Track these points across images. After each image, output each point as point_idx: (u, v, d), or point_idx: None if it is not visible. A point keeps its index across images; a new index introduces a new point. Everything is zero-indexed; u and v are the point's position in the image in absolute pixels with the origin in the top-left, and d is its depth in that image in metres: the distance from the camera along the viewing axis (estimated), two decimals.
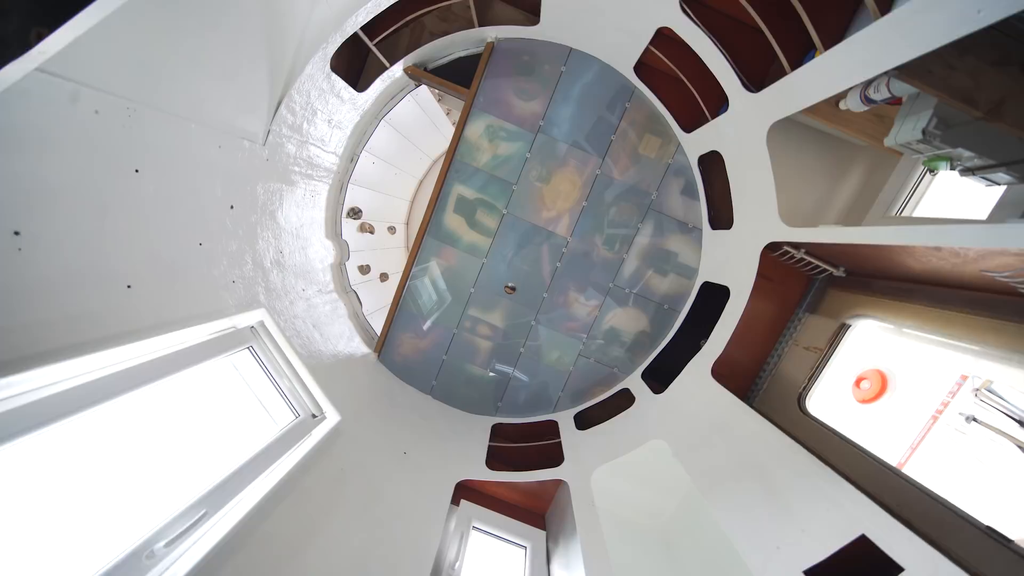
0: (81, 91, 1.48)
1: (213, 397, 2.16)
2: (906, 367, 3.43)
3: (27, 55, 1.16)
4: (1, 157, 1.32)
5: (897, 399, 3.48)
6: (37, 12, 1.10)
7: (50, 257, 1.48)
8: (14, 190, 1.37)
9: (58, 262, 1.51)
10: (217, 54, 1.98)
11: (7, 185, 1.35)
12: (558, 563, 2.50)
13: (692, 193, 3.25)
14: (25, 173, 1.39)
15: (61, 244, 1.52)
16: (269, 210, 2.59)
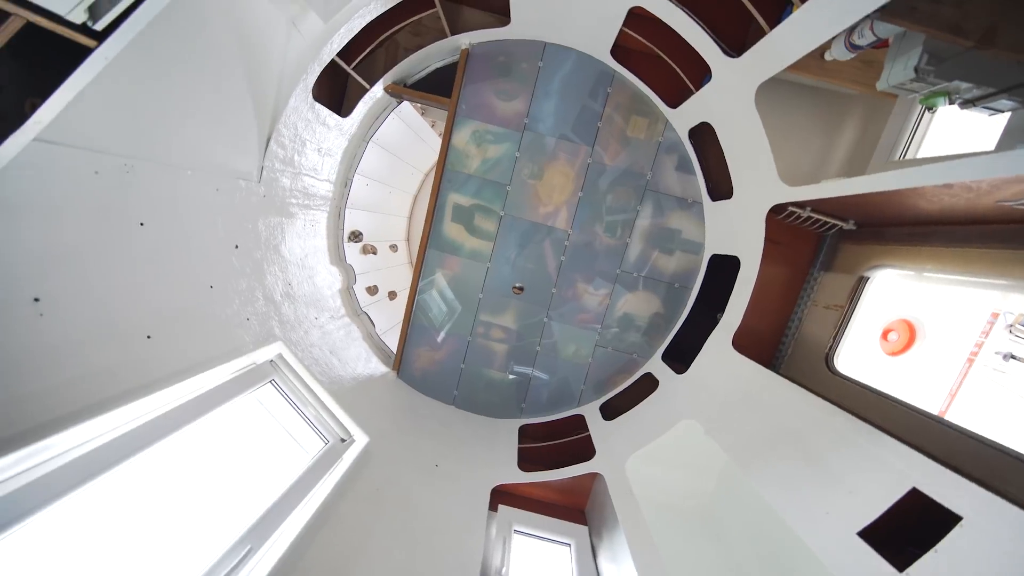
0: (79, 155, 1.53)
1: (243, 434, 2.20)
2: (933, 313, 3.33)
3: (24, 126, 1.20)
4: (12, 227, 1.37)
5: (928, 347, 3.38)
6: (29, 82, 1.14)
7: (71, 318, 1.52)
8: (28, 258, 1.41)
9: (79, 322, 1.55)
10: (203, 101, 2.02)
11: (21, 254, 1.40)
12: (604, 556, 2.47)
13: (687, 168, 3.22)
14: (37, 240, 1.43)
15: (80, 304, 1.56)
16: (273, 244, 2.64)
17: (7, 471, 1.29)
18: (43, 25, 1.00)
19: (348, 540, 2.05)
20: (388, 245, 4.89)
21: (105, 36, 1.11)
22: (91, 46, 1.10)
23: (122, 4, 1.07)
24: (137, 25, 1.12)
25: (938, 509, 1.34)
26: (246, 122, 2.32)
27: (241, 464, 2.15)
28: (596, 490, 2.90)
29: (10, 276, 1.37)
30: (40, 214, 1.45)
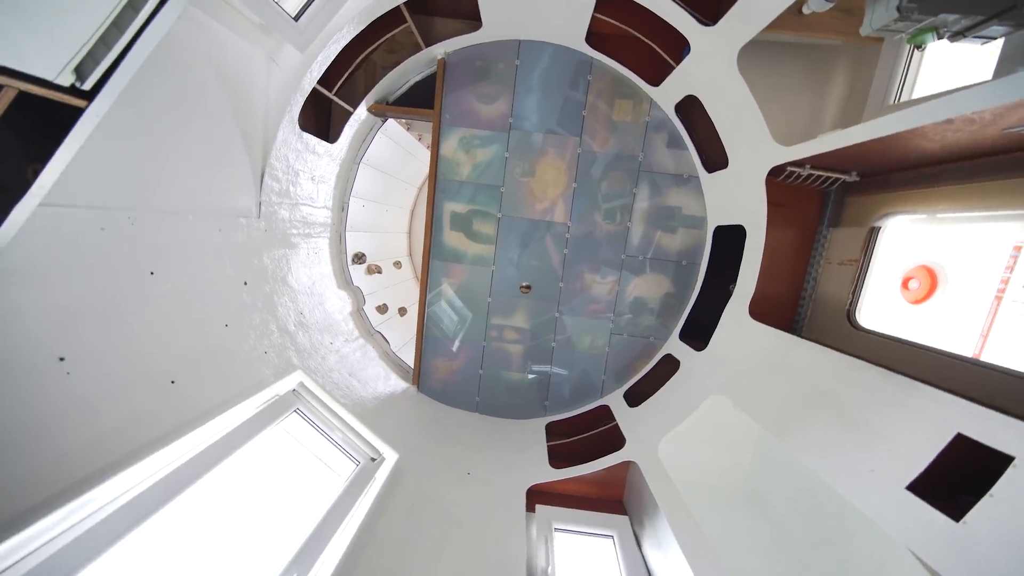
0: (84, 213, 1.57)
1: (276, 465, 2.22)
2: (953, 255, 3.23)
3: (29, 193, 1.23)
4: (30, 292, 1.41)
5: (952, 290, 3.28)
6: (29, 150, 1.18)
7: (97, 373, 1.56)
8: (49, 319, 1.45)
9: (105, 376, 1.58)
10: (195, 145, 2.07)
11: (42, 316, 1.44)
12: (649, 544, 2.44)
13: (679, 144, 3.19)
14: (55, 301, 1.47)
15: (103, 358, 1.60)
16: (280, 276, 2.67)
17: (52, 530, 1.32)
18: (35, 92, 1.03)
19: (392, 557, 2.06)
20: (392, 262, 4.93)
21: (94, 95, 1.13)
22: (82, 106, 1.13)
23: (106, 62, 1.10)
24: (122, 80, 1.15)
25: (987, 452, 1.30)
26: (239, 161, 2.36)
27: (277, 495, 2.17)
28: (631, 478, 2.87)
29: (34, 339, 1.41)
30: (55, 276, 1.49)
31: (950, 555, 1.23)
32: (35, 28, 0.94)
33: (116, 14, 1.03)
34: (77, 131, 1.15)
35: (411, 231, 5.48)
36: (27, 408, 1.34)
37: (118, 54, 1.10)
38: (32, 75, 1.01)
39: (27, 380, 1.36)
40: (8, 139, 1.20)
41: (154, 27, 1.10)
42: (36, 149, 1.17)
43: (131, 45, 1.10)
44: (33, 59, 0.98)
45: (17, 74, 0.98)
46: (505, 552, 2.22)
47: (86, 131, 1.18)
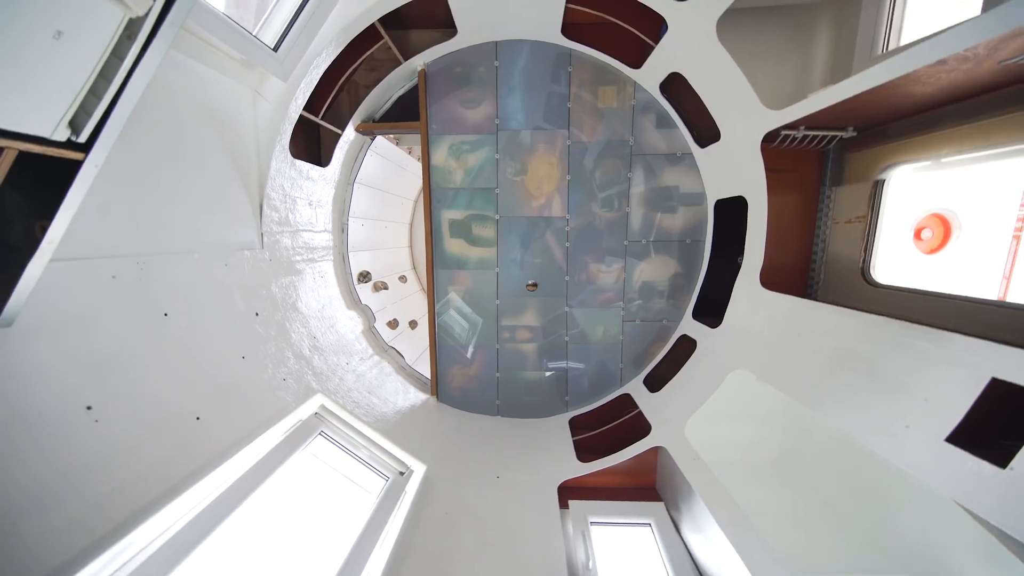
0: (94, 264, 1.61)
1: (307, 490, 2.24)
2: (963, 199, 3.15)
3: (40, 250, 1.27)
4: (52, 346, 1.44)
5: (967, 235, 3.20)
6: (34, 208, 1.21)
7: (124, 418, 1.59)
8: (73, 370, 1.49)
9: (132, 419, 1.61)
10: (193, 184, 2.11)
11: (66, 368, 1.47)
12: (688, 527, 2.40)
13: (668, 123, 3.16)
14: (76, 352, 1.51)
15: (128, 403, 1.63)
16: (290, 303, 2.70)
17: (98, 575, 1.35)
18: (34, 151, 1.06)
19: (432, 569, 2.06)
20: (397, 277, 4.96)
21: (90, 147, 1.16)
22: (80, 159, 1.16)
23: (98, 113, 1.13)
24: (116, 129, 1.18)
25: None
26: (236, 195, 2.40)
27: (312, 518, 2.19)
28: (662, 464, 2.84)
29: (61, 391, 1.44)
30: (74, 327, 1.53)
31: (1000, 503, 1.19)
32: (26, 88, 0.97)
33: (102, 65, 1.06)
34: (78, 184, 1.18)
35: (412, 244, 5.51)
36: (60, 459, 1.37)
37: (108, 103, 1.12)
38: (29, 134, 1.04)
39: (58, 432, 1.40)
40: (14, 200, 1.24)
41: (139, 73, 1.12)
42: (41, 206, 1.20)
43: (120, 93, 1.12)
44: (28, 118, 1.01)
45: (14, 135, 1.01)
46: (544, 551, 2.21)
47: (86, 183, 1.20)
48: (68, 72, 1.01)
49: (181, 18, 1.13)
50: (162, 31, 1.10)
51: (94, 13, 0.97)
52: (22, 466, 1.28)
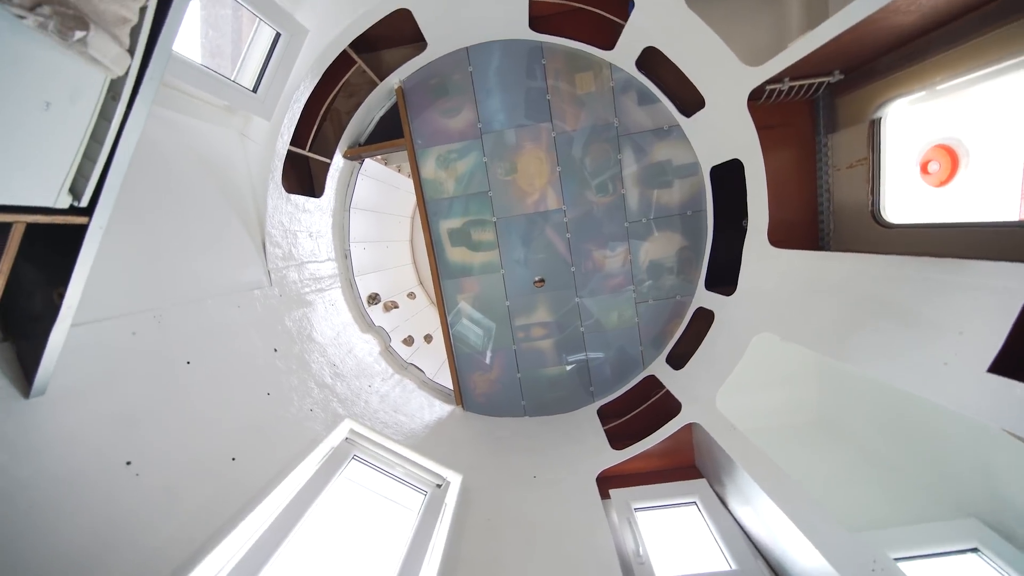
0: (113, 323, 1.65)
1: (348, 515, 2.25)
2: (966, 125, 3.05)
3: (60, 317, 1.31)
4: (85, 408, 1.48)
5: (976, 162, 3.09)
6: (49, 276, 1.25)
7: (163, 468, 1.62)
8: (108, 429, 1.52)
9: (171, 469, 1.64)
10: (195, 233, 2.16)
11: (101, 428, 1.51)
12: (735, 500, 2.35)
13: (650, 98, 3.14)
14: (108, 410, 1.55)
15: (165, 453, 1.66)
16: (305, 335, 2.74)
17: None
18: (41, 222, 1.10)
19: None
20: (405, 295, 4.99)
21: (92, 210, 1.20)
22: (84, 222, 1.19)
23: (95, 176, 1.16)
24: (114, 189, 1.21)
25: None
26: (239, 237, 2.45)
27: (357, 543, 2.20)
28: (698, 440, 2.79)
29: (99, 450, 1.48)
30: (103, 386, 1.57)
31: None
32: (24, 161, 1.00)
33: (92, 128, 1.09)
34: (86, 247, 1.22)
35: (415, 260, 5.55)
36: (108, 516, 1.41)
37: (104, 165, 1.16)
38: (34, 206, 1.07)
39: (102, 490, 1.43)
40: (29, 271, 1.28)
41: (128, 131, 1.16)
42: (55, 273, 1.24)
43: (113, 154, 1.16)
44: (30, 191, 1.04)
45: (19, 208, 1.04)
46: (592, 545, 2.18)
47: (94, 245, 1.24)
48: (62, 140, 1.05)
49: (159, 73, 1.16)
50: (143, 88, 1.14)
51: (78, 79, 1.00)
52: (73, 527, 1.32)
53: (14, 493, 1.23)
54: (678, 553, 2.20)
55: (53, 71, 0.95)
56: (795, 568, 1.86)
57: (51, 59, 0.93)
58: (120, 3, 0.98)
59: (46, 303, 1.28)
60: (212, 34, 2.61)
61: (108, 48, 0.98)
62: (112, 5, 0.97)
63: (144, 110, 1.17)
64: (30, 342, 1.35)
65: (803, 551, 1.78)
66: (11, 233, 1.06)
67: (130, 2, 1.00)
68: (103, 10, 0.95)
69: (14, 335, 1.40)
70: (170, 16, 1.12)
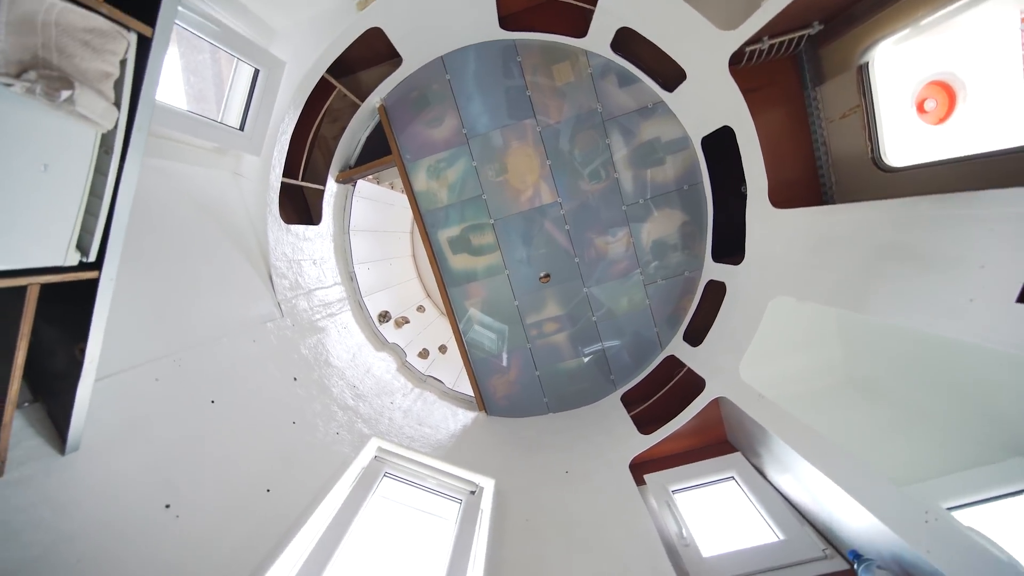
0: (136, 372, 1.69)
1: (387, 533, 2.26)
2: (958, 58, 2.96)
3: (84, 373, 1.34)
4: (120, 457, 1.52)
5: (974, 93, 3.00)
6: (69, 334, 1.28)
7: (201, 507, 1.65)
8: (144, 475, 1.55)
9: (209, 507, 1.67)
10: (203, 275, 2.20)
11: (137, 475, 1.54)
12: (773, 469, 2.31)
13: (630, 79, 3.12)
14: (144, 457, 1.58)
15: (201, 492, 1.69)
16: (322, 360, 2.77)
17: None
18: (53, 281, 1.13)
19: None
20: (415, 309, 5.02)
21: (100, 263, 1.23)
22: (95, 277, 1.23)
23: (99, 230, 1.20)
24: (118, 241, 1.24)
25: None
26: (245, 273, 2.49)
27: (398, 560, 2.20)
28: (727, 414, 2.74)
29: (139, 496, 1.51)
30: (134, 435, 1.60)
31: None
32: (30, 225, 1.03)
33: (90, 184, 1.12)
34: (100, 299, 1.25)
35: (420, 274, 5.58)
36: (153, 560, 1.43)
37: (106, 218, 1.19)
38: (45, 267, 1.10)
39: (145, 535, 1.46)
40: (49, 332, 1.32)
41: (125, 182, 1.19)
42: (74, 329, 1.28)
43: (113, 206, 1.19)
44: (39, 253, 1.07)
45: (32, 271, 1.07)
46: (634, 532, 2.15)
47: (107, 297, 1.27)
48: (63, 199, 1.08)
49: (147, 122, 1.19)
50: (133, 138, 1.16)
51: (71, 137, 1.03)
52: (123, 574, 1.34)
53: (62, 547, 1.26)
54: (722, 530, 2.16)
55: (46, 133, 0.98)
56: (845, 530, 1.81)
57: (43, 122, 0.96)
58: (101, 59, 1.01)
59: (69, 360, 1.32)
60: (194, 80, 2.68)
61: (95, 104, 1.01)
62: (93, 62, 1.00)
63: (137, 160, 1.19)
64: (58, 400, 1.39)
65: (851, 511, 1.73)
66: (27, 296, 1.10)
67: (110, 57, 1.02)
68: (85, 68, 0.98)
69: (42, 395, 1.44)
70: (149, 66, 1.14)
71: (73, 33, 0.94)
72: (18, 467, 1.30)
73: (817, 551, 1.83)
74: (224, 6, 2.12)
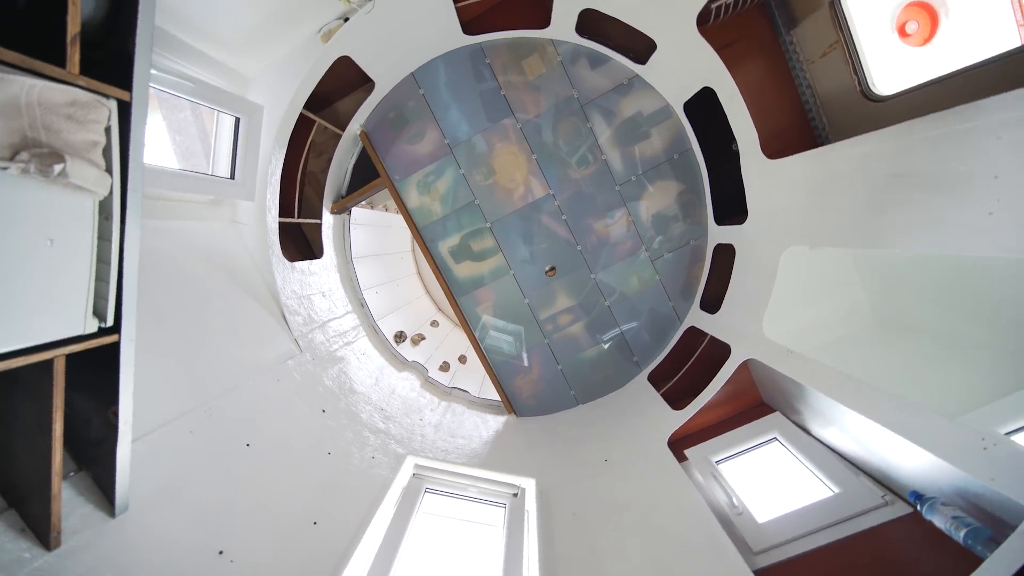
0: (170, 428, 1.73)
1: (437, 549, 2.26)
2: None
3: (120, 435, 1.37)
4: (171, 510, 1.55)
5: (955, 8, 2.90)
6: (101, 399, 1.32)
7: (253, 549, 1.67)
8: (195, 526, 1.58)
9: (261, 547, 1.69)
10: (220, 325, 2.25)
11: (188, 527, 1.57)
12: (816, 423, 2.24)
13: (601, 59, 3.10)
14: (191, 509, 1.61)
15: (252, 535, 1.71)
16: (347, 389, 2.80)
17: None
18: (77, 350, 1.16)
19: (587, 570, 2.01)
20: (429, 324, 5.05)
21: (118, 326, 1.26)
22: (116, 340, 1.26)
23: (111, 294, 1.23)
24: (132, 302, 1.28)
25: None
26: (259, 316, 2.54)
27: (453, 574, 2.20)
28: (758, 376, 2.68)
29: (193, 546, 1.54)
30: (180, 489, 1.64)
31: None
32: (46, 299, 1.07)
33: (96, 251, 1.16)
34: (124, 360, 1.28)
35: (428, 289, 5.62)
36: None
37: (117, 282, 1.22)
38: (67, 337, 1.14)
39: None
40: (80, 400, 1.36)
41: (129, 243, 1.22)
42: (104, 394, 1.31)
43: (121, 269, 1.22)
44: (59, 325, 1.11)
45: (54, 344, 1.11)
46: (683, 509, 2.11)
47: (130, 357, 1.30)
48: (73, 269, 1.11)
49: (139, 183, 1.22)
50: (129, 200, 1.20)
51: (70, 209, 1.06)
52: None
53: None
54: (774, 494, 2.10)
55: (47, 208, 1.02)
56: (902, 472, 1.74)
57: (41, 198, 1.00)
58: (86, 129, 1.04)
59: (105, 425, 1.35)
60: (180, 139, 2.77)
61: (87, 173, 1.04)
62: (79, 134, 1.03)
63: (136, 221, 1.23)
64: (102, 465, 1.43)
65: (905, 452, 1.67)
66: (55, 369, 1.13)
67: (94, 126, 1.06)
68: (73, 140, 1.02)
69: (86, 462, 1.48)
70: (133, 129, 1.18)
71: (56, 109, 0.97)
72: (73, 536, 1.34)
73: (876, 499, 1.77)
74: (196, 62, 2.18)
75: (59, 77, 1.00)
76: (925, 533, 1.55)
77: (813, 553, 1.75)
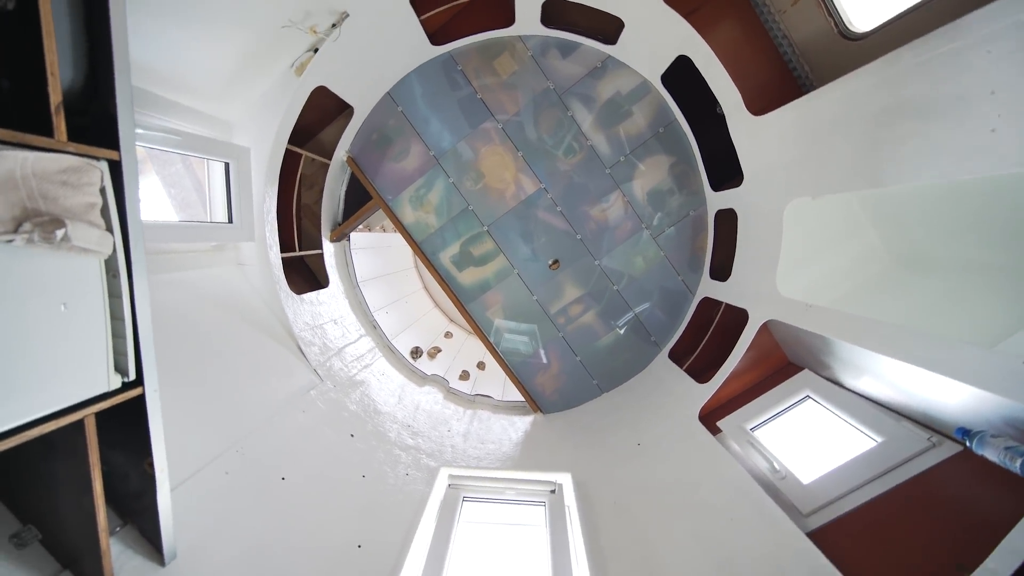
0: (206, 473, 1.75)
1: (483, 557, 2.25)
2: None
3: (158, 485, 1.40)
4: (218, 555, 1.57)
5: None
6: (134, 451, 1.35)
7: None
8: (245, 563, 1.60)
9: None
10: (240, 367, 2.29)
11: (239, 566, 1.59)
12: (848, 375, 2.18)
13: (571, 47, 3.10)
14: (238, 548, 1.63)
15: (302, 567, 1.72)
16: (372, 410, 2.82)
17: None
18: (104, 407, 1.19)
19: (637, 558, 1.98)
20: (443, 336, 5.07)
21: (141, 379, 1.29)
22: (140, 393, 1.29)
23: (130, 349, 1.26)
24: (150, 353, 1.30)
25: None
26: (276, 352, 2.58)
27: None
28: (780, 336, 2.63)
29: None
30: (224, 529, 1.66)
31: None
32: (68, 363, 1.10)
33: (108, 309, 1.19)
34: (151, 411, 1.31)
35: (437, 302, 5.64)
36: None
37: (133, 336, 1.25)
38: (94, 396, 1.17)
39: None
40: (116, 456, 1.39)
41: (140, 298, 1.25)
42: (138, 447, 1.34)
43: (136, 323, 1.25)
44: (84, 386, 1.14)
45: (83, 404, 1.14)
46: (725, 481, 2.07)
47: (157, 407, 1.33)
48: (90, 329, 1.14)
49: (140, 237, 1.25)
50: (133, 255, 1.23)
51: (78, 271, 1.09)
52: None
53: None
54: (816, 453, 2.05)
55: (56, 274, 1.05)
56: (945, 411, 1.68)
57: (48, 265, 1.03)
58: (82, 193, 1.08)
59: (142, 477, 1.38)
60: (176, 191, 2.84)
61: (89, 234, 1.07)
62: (76, 197, 1.06)
63: (143, 274, 1.26)
64: (145, 517, 1.46)
65: (945, 390, 1.62)
66: (86, 428, 1.16)
67: (89, 188, 1.09)
68: (71, 205, 1.05)
69: (130, 516, 1.51)
70: (127, 186, 1.21)
71: (50, 177, 1.00)
72: None
73: (922, 442, 1.71)
74: (178, 115, 2.24)
75: (49, 147, 1.03)
76: (979, 469, 1.50)
77: (865, 506, 1.70)
